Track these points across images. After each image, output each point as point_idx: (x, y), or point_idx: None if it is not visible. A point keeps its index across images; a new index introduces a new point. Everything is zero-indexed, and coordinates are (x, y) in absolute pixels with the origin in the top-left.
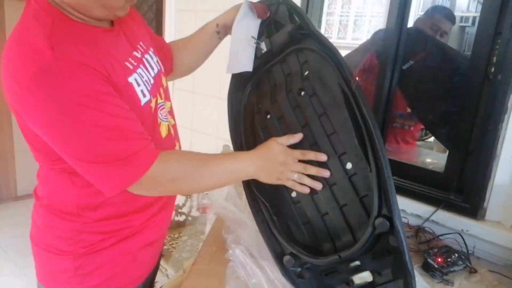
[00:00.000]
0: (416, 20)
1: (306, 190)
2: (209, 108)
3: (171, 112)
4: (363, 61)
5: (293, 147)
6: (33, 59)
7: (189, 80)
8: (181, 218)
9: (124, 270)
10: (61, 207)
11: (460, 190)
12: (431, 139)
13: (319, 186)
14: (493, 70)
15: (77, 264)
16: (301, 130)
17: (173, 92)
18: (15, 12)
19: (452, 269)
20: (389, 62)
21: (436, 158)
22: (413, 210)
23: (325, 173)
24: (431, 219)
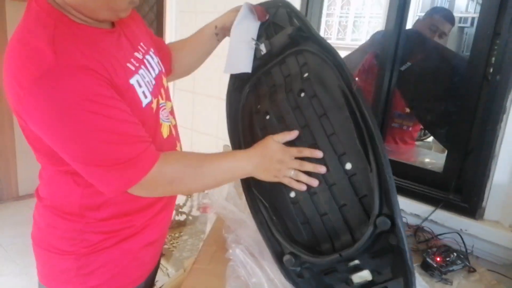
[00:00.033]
0: (416, 21)
1: (302, 187)
2: (209, 108)
3: (172, 112)
4: (362, 62)
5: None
6: (35, 61)
7: (189, 80)
8: (181, 217)
9: (125, 269)
10: (64, 208)
11: (459, 189)
12: (429, 139)
13: (315, 182)
14: (491, 70)
15: (79, 264)
16: (301, 130)
17: (173, 92)
18: (16, 12)
19: (451, 269)
20: (388, 62)
21: (435, 158)
22: (412, 209)
23: (321, 169)
24: (430, 218)
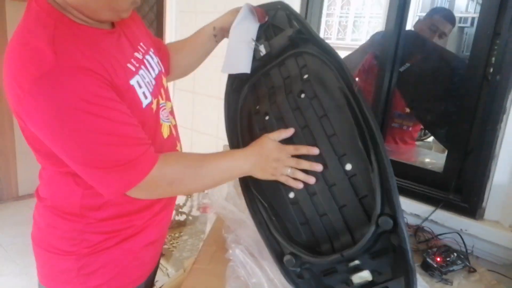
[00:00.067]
0: (416, 21)
1: (299, 185)
2: (209, 108)
3: (172, 112)
4: (362, 62)
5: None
6: (35, 62)
7: (189, 80)
8: (181, 217)
9: (126, 269)
10: (65, 208)
11: (459, 189)
12: (430, 139)
13: (312, 180)
14: (491, 70)
15: (80, 264)
16: (301, 131)
17: (173, 92)
18: (16, 12)
19: (451, 269)
20: (388, 63)
21: (435, 158)
22: (412, 209)
23: (318, 167)
24: (430, 218)
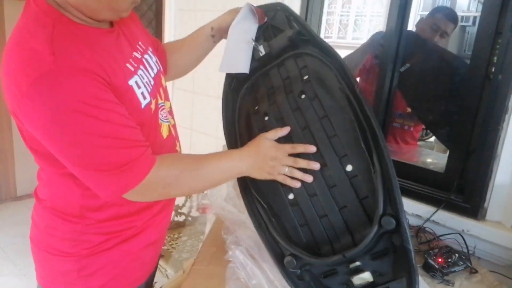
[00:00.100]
0: (418, 20)
1: (297, 184)
2: (208, 108)
3: (171, 112)
4: (362, 62)
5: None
6: (33, 62)
7: (189, 80)
8: (181, 218)
9: (126, 270)
10: (64, 209)
11: (460, 190)
12: (431, 139)
13: (309, 178)
14: (493, 70)
15: (80, 265)
16: (301, 132)
17: (172, 92)
18: (15, 11)
19: (452, 270)
20: (389, 63)
21: (436, 158)
22: (414, 210)
23: (316, 165)
24: (431, 219)
